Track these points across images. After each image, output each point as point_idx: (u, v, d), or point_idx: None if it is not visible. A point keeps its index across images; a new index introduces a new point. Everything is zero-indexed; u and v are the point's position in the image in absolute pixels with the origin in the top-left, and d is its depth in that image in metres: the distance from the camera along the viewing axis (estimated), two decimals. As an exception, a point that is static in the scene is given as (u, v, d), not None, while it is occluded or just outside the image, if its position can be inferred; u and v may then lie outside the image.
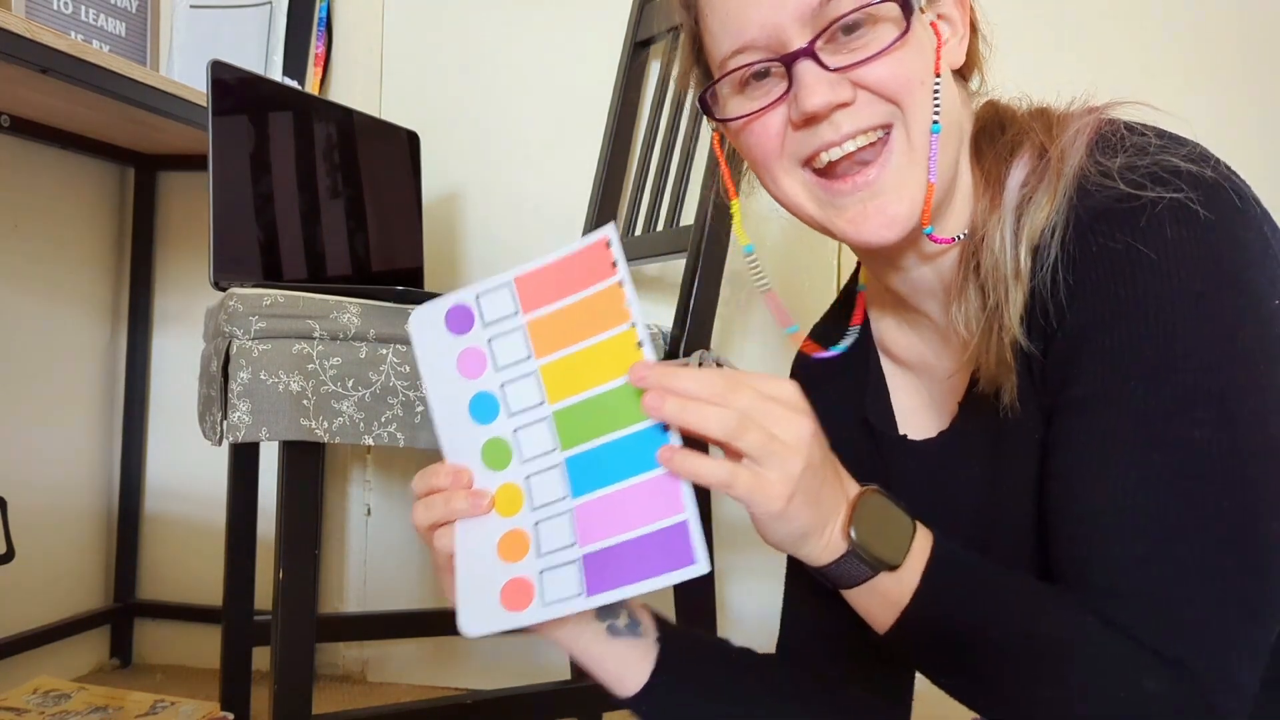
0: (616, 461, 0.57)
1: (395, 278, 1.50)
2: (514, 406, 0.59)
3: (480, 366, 0.59)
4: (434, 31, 1.76)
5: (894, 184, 0.63)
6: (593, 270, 0.58)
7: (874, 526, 0.59)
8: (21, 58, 1.18)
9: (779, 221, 1.74)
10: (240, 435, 0.98)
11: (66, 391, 1.74)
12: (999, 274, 0.62)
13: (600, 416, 0.58)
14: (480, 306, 0.60)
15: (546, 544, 0.57)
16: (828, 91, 0.61)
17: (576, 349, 0.58)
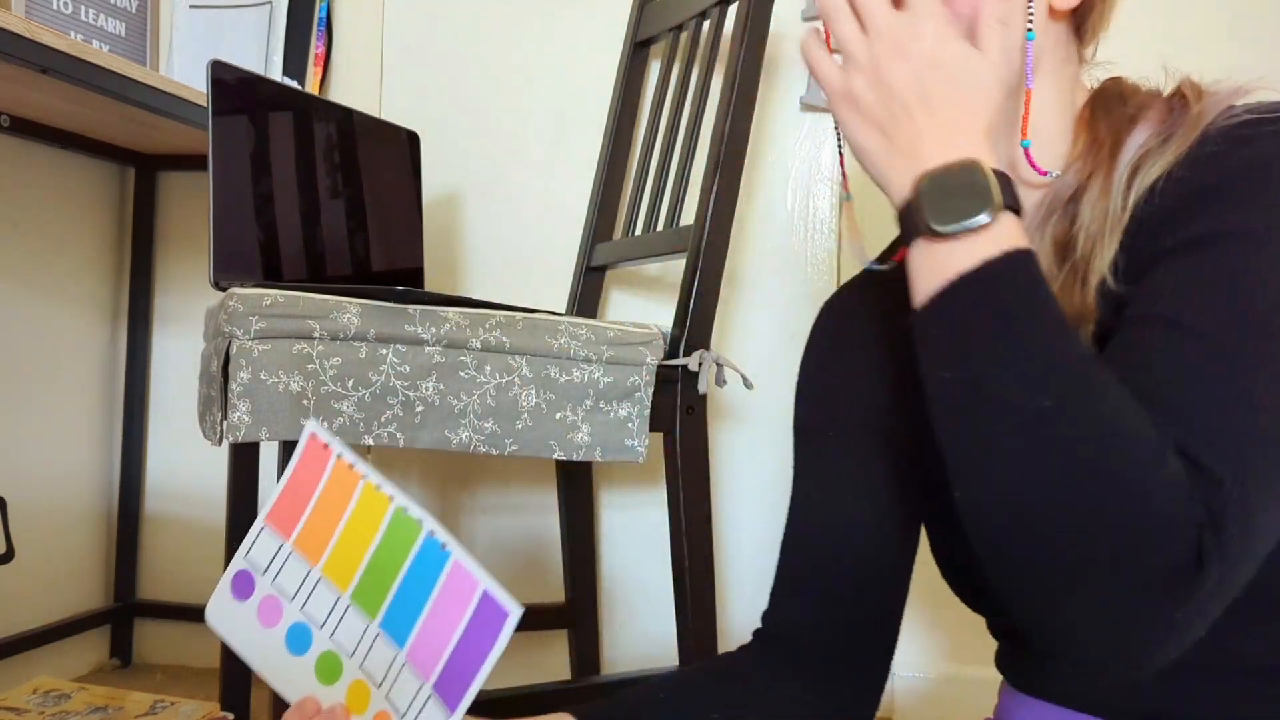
0: (415, 591, 0.60)
1: (395, 278, 1.50)
2: (319, 619, 0.62)
3: (277, 610, 0.63)
4: (434, 31, 1.76)
5: None
6: (317, 464, 0.63)
7: (943, 193, 0.56)
8: (21, 58, 1.18)
9: (780, 223, 1.75)
10: (240, 435, 0.98)
11: (66, 391, 1.74)
12: (1096, 229, 0.63)
13: (383, 569, 0.61)
14: (252, 562, 0.65)
15: (402, 703, 0.59)
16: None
17: (338, 533, 0.62)
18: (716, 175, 1.24)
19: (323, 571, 0.62)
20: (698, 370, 1.17)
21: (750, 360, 1.60)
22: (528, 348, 1.10)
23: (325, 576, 0.62)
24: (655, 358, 1.15)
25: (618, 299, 1.69)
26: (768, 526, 1.64)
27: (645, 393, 1.14)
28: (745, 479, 1.66)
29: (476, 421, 1.07)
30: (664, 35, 1.54)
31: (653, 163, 1.48)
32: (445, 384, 1.06)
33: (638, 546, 1.69)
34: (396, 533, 0.60)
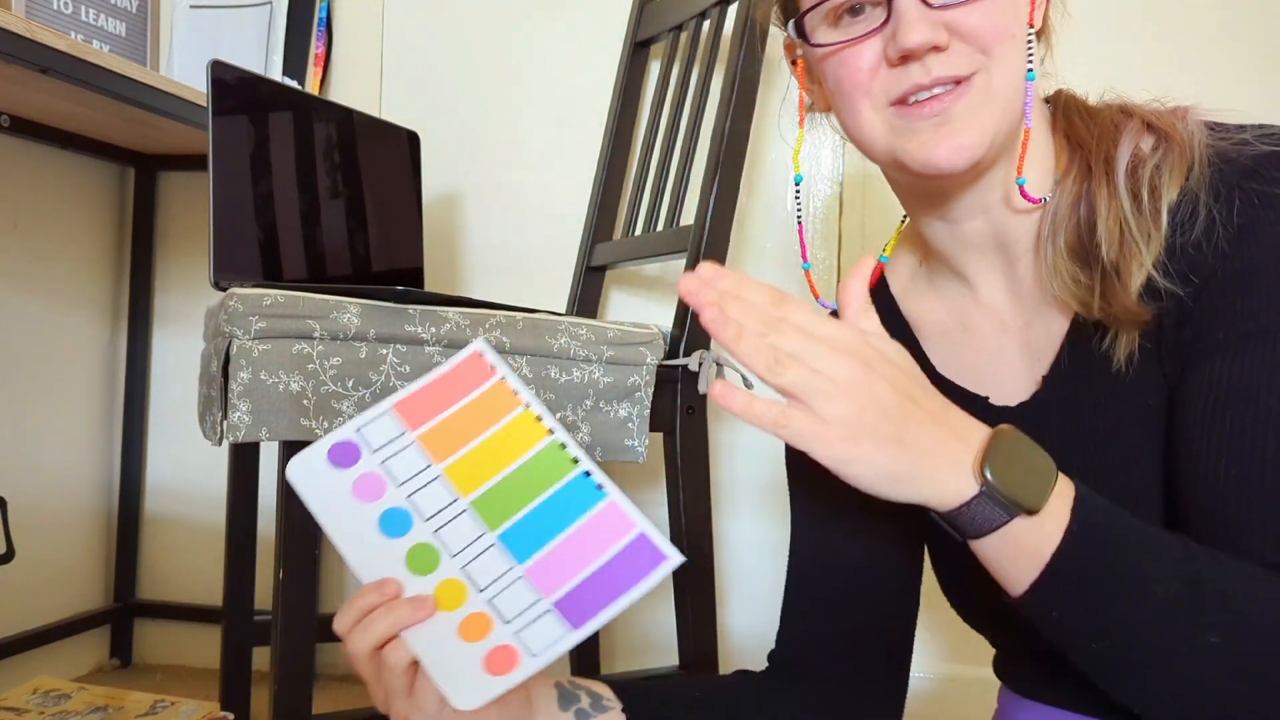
0: (552, 518, 0.61)
1: (395, 278, 1.50)
2: (427, 511, 0.62)
3: (379, 489, 0.63)
4: (434, 31, 1.76)
5: (967, 114, 0.63)
6: (473, 378, 0.65)
7: (1010, 465, 0.54)
8: (21, 58, 1.18)
9: (780, 223, 1.75)
10: (240, 435, 0.98)
11: (66, 391, 1.74)
12: (1124, 231, 0.62)
13: (521, 489, 0.62)
14: (364, 437, 0.64)
15: (509, 611, 0.59)
16: (927, 31, 0.61)
17: (476, 443, 0.64)
18: (716, 175, 1.24)
19: (444, 471, 0.63)
20: (698, 370, 1.17)
21: (750, 360, 1.60)
22: (528, 348, 1.10)
23: (446, 476, 0.63)
24: (655, 358, 1.15)
25: (618, 299, 1.69)
26: (767, 526, 1.64)
27: (645, 393, 1.14)
28: (745, 479, 1.66)
29: (476, 421, 1.07)
30: (664, 35, 1.54)
31: (653, 163, 1.48)
32: (445, 384, 1.06)
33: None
34: (546, 462, 0.62)
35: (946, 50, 0.62)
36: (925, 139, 0.63)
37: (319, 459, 0.63)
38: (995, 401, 0.72)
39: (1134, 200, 0.63)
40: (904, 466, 0.54)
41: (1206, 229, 0.60)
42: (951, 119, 0.63)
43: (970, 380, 0.74)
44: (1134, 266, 0.62)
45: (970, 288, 0.73)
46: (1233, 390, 0.58)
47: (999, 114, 0.64)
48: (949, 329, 0.75)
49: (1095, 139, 0.67)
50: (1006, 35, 0.63)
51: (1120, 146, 0.66)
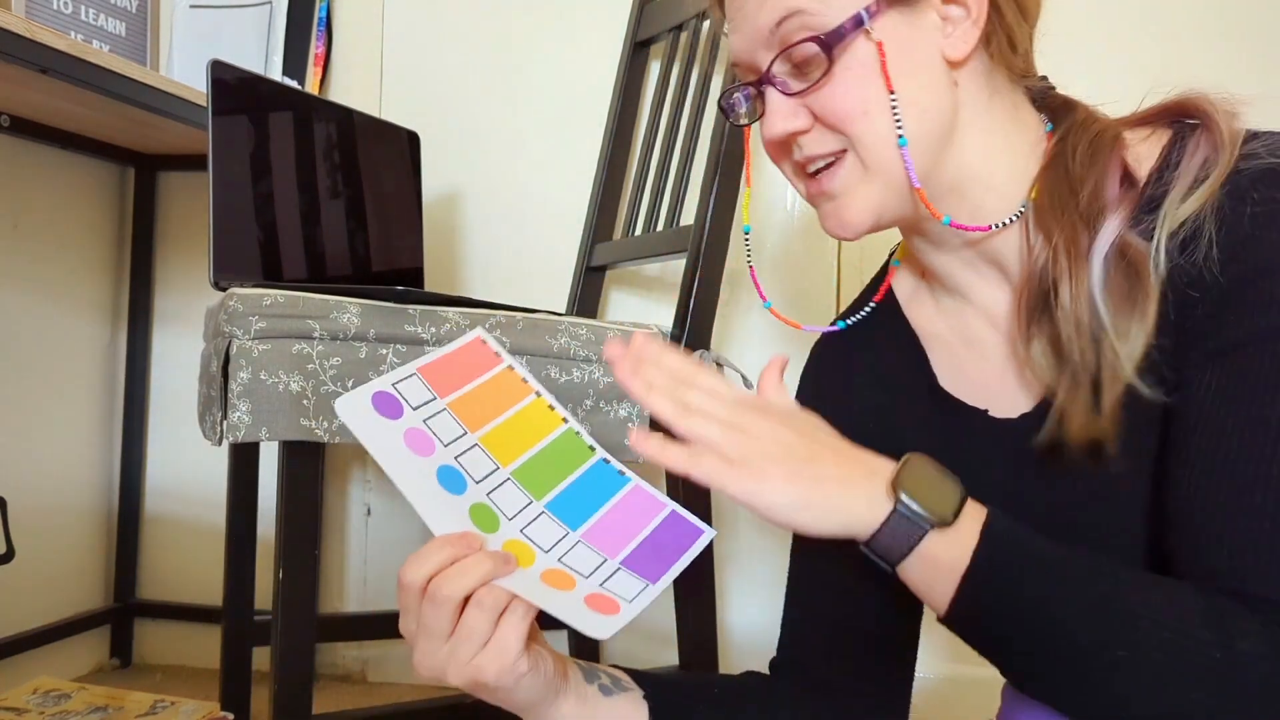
0: (586, 495, 0.62)
1: (395, 278, 1.50)
2: (476, 475, 0.61)
3: (429, 444, 0.61)
4: (434, 31, 1.76)
5: (845, 192, 0.67)
6: (480, 362, 0.65)
7: (921, 481, 0.57)
8: (21, 58, 1.18)
9: (780, 223, 1.75)
10: (240, 435, 0.98)
11: (66, 391, 1.74)
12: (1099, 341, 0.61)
13: (551, 467, 0.63)
14: (401, 393, 0.62)
15: (583, 568, 0.59)
16: (784, 121, 0.66)
17: (500, 420, 0.63)
18: (716, 175, 1.24)
19: (480, 441, 0.62)
20: (698, 370, 1.17)
21: (750, 360, 1.60)
22: (528, 348, 1.10)
23: (483, 445, 0.62)
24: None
25: (618, 299, 1.69)
26: (767, 527, 1.64)
27: (645, 392, 1.14)
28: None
29: (476, 421, 1.07)
30: (664, 35, 1.54)
31: (653, 163, 1.48)
32: (445, 384, 1.06)
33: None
34: (565, 448, 0.63)
35: (810, 133, 0.66)
36: (823, 212, 0.69)
37: (365, 403, 0.61)
38: (995, 414, 0.72)
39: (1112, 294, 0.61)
40: (815, 495, 0.56)
41: (1207, 249, 0.59)
42: (835, 196, 0.67)
43: (971, 393, 0.74)
44: (1110, 380, 0.61)
45: (968, 301, 0.73)
46: (1212, 402, 0.59)
47: (879, 186, 0.66)
48: (950, 342, 0.75)
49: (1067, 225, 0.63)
50: (858, 114, 0.64)
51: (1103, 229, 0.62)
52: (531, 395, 0.64)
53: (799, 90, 0.65)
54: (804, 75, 0.65)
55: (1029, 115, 0.71)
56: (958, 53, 0.66)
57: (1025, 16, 0.68)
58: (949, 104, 0.66)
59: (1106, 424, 0.61)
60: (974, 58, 0.67)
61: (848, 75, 0.64)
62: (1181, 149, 0.63)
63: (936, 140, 0.66)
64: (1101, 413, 0.61)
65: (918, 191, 0.66)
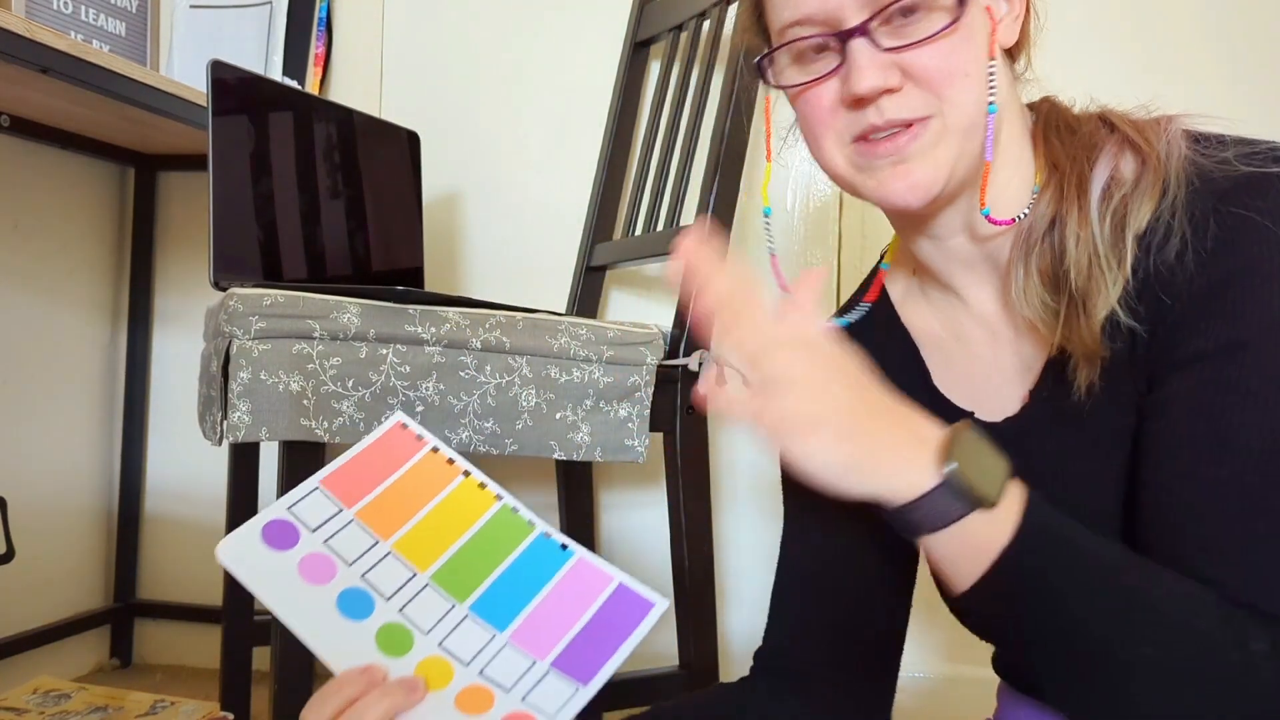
0: (521, 583, 0.58)
1: (395, 278, 1.50)
2: (386, 590, 0.57)
3: (329, 569, 0.57)
4: (434, 31, 1.76)
5: (921, 153, 0.64)
6: (401, 449, 0.61)
7: (970, 459, 0.54)
8: (21, 58, 1.18)
9: (780, 222, 1.75)
10: (240, 435, 0.98)
11: (66, 391, 1.74)
12: (1092, 262, 0.63)
13: (481, 558, 0.58)
14: (297, 516, 0.59)
15: (506, 680, 0.56)
16: (876, 75, 0.62)
17: (421, 516, 0.59)
18: (716, 175, 1.24)
19: (394, 547, 0.58)
20: (698, 370, 1.17)
21: (750, 360, 1.60)
22: (528, 348, 1.10)
23: (397, 552, 0.58)
24: (655, 358, 1.15)
25: (618, 299, 1.69)
26: (767, 527, 1.64)
27: (645, 393, 1.14)
28: (745, 479, 1.66)
29: (476, 421, 1.07)
30: (664, 35, 1.54)
31: (653, 163, 1.48)
32: (445, 384, 1.06)
33: (637, 546, 1.68)
34: (500, 528, 0.59)
35: (900, 92, 0.63)
36: (883, 176, 0.66)
37: (253, 540, 0.58)
38: (982, 417, 0.72)
39: (1105, 227, 0.63)
40: (864, 459, 0.54)
41: (1179, 251, 0.60)
42: (907, 158, 0.65)
43: (961, 394, 0.74)
44: (1099, 299, 0.62)
45: (961, 300, 0.74)
46: (1186, 406, 0.59)
47: (955, 151, 0.65)
48: (943, 341, 0.76)
49: (1070, 159, 0.67)
50: (960, 75, 0.63)
51: (1096, 168, 0.65)
52: (460, 476, 0.61)
53: (902, 45, 0.62)
54: (900, 32, 0.63)
55: (1025, 111, 0.72)
56: (1008, 41, 0.67)
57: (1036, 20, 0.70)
58: (1008, 89, 0.68)
59: (1095, 345, 0.62)
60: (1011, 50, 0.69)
61: (964, 34, 0.63)
62: None
63: (1008, 117, 0.67)
64: (1093, 332, 0.62)
65: (985, 165, 0.66)
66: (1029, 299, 0.66)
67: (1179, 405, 0.60)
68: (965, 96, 0.64)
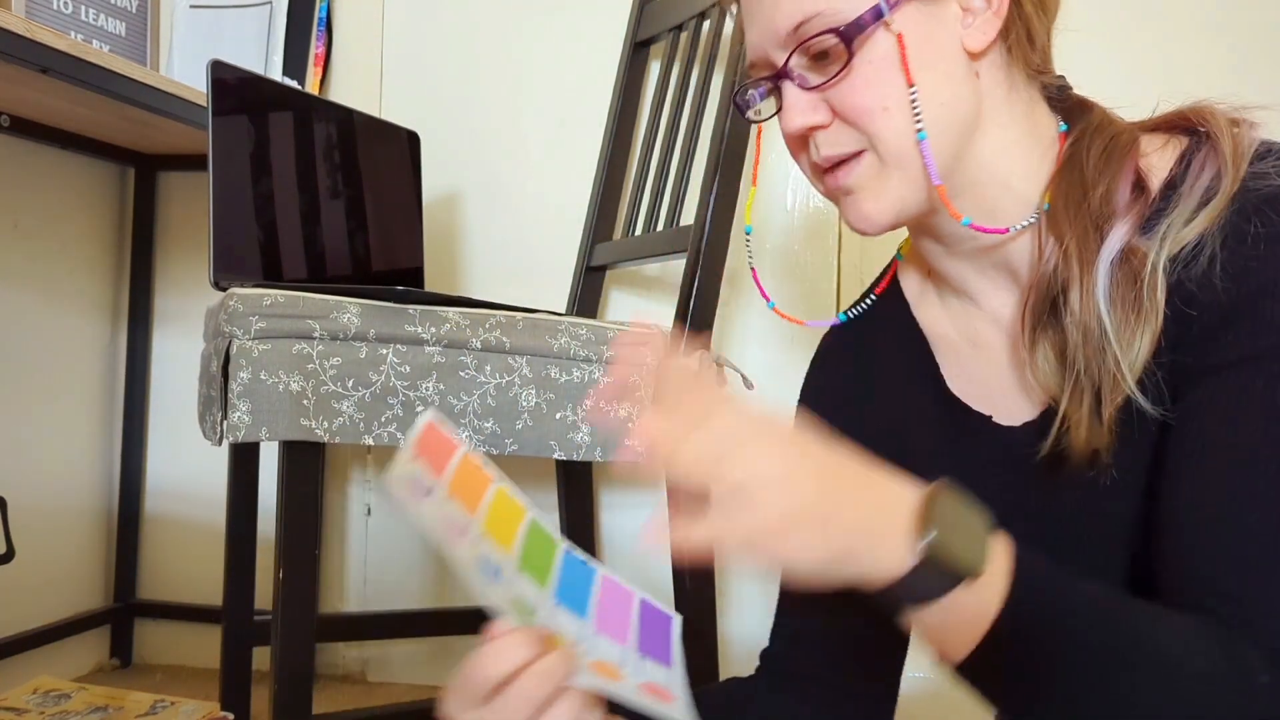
0: (574, 585, 0.59)
1: (395, 278, 1.50)
2: (495, 563, 0.56)
3: (461, 530, 0.56)
4: (434, 31, 1.76)
5: (861, 186, 0.66)
6: (444, 447, 0.60)
7: (951, 526, 0.50)
8: (21, 58, 1.18)
9: (780, 223, 1.75)
10: (240, 435, 0.98)
11: (66, 392, 1.74)
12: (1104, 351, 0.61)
13: (536, 557, 0.58)
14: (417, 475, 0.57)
15: (612, 658, 0.55)
16: (799, 116, 0.65)
17: (485, 509, 0.58)
18: (716, 175, 1.24)
19: (483, 527, 0.56)
20: (698, 370, 1.17)
21: (750, 360, 1.60)
22: (528, 348, 1.10)
23: (487, 534, 0.56)
24: (655, 358, 1.15)
25: (618, 299, 1.69)
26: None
27: (645, 393, 1.14)
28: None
29: (477, 421, 1.07)
30: (664, 35, 1.54)
31: (653, 163, 1.48)
32: (445, 384, 1.06)
33: (638, 546, 1.68)
34: (536, 539, 0.59)
35: (829, 128, 0.65)
36: (842, 207, 0.68)
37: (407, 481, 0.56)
38: (999, 420, 0.71)
39: (1116, 309, 0.60)
40: (839, 548, 0.50)
41: (1207, 268, 0.59)
42: (851, 190, 0.66)
43: (976, 397, 0.73)
44: (1114, 392, 0.60)
45: (974, 304, 0.73)
46: (1212, 415, 0.58)
47: (898, 181, 0.65)
48: (956, 343, 0.75)
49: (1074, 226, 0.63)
50: (877, 110, 0.63)
51: (1110, 235, 0.62)
52: (494, 484, 0.59)
53: (817, 84, 0.64)
54: (822, 70, 0.64)
55: (1044, 115, 0.70)
56: (977, 44, 0.65)
57: (1044, 10, 0.67)
58: (971, 96, 0.65)
59: (1107, 434, 0.61)
60: (993, 50, 0.66)
61: (867, 69, 0.62)
62: (1189, 166, 0.63)
63: (958, 134, 0.65)
64: (1102, 423, 0.61)
65: (938, 189, 0.64)
66: (1037, 374, 0.65)
67: (1200, 414, 0.59)
68: (888, 130, 0.63)
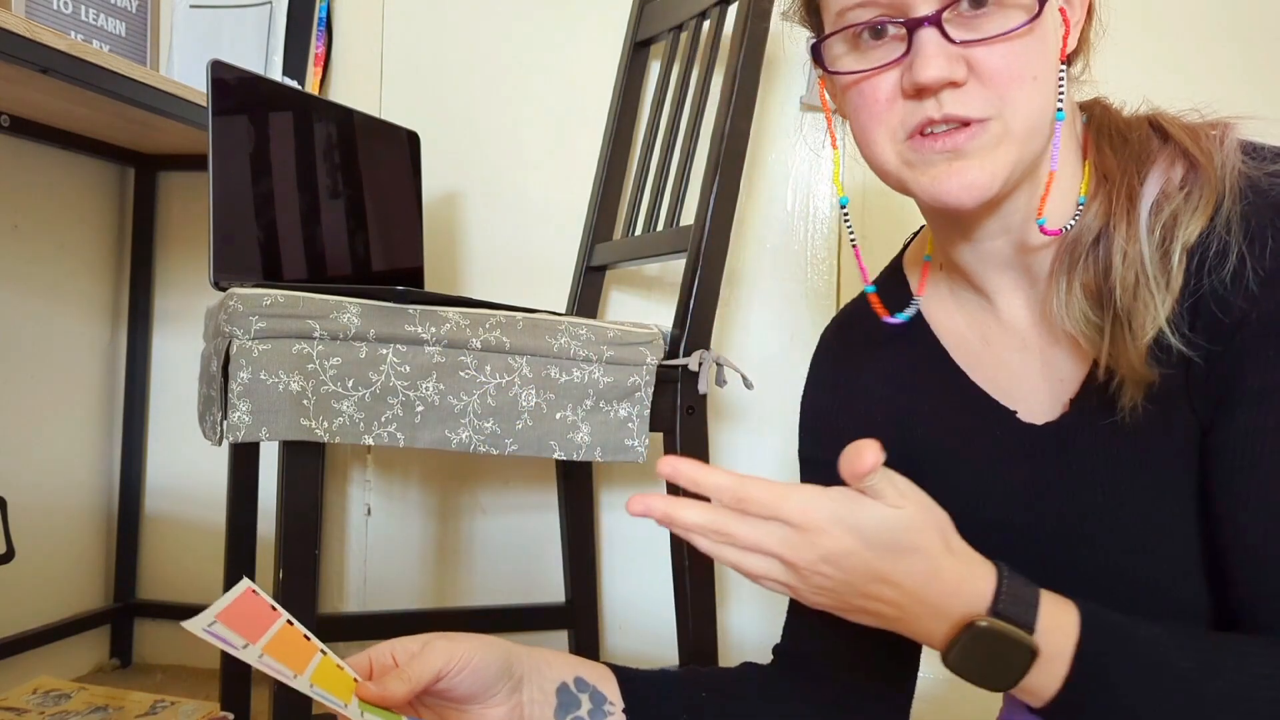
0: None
1: (395, 278, 1.50)
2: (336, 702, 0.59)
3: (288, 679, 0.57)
4: (434, 31, 1.76)
5: (978, 152, 0.62)
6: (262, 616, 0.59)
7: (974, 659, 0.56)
8: (21, 58, 1.17)
9: (780, 223, 1.75)
10: (240, 435, 0.98)
11: (66, 391, 1.74)
12: (1139, 281, 0.61)
13: None
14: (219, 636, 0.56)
15: None
16: (944, 66, 0.60)
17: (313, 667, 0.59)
18: (716, 175, 1.24)
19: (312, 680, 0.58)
20: (698, 370, 1.17)
21: (750, 360, 1.60)
22: (528, 348, 1.10)
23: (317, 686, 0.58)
24: (655, 358, 1.15)
25: (618, 299, 1.69)
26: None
27: (645, 393, 1.14)
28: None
29: (476, 421, 1.07)
30: (664, 35, 1.54)
31: (653, 163, 1.48)
32: (445, 384, 1.06)
33: (638, 546, 1.69)
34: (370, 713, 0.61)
35: (963, 87, 0.61)
36: (937, 173, 0.63)
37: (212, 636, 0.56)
38: (1024, 418, 0.71)
39: (1154, 244, 0.61)
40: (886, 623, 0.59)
41: (1236, 269, 0.58)
42: (964, 154, 0.62)
43: (998, 393, 0.73)
44: (1146, 320, 0.60)
45: (990, 303, 0.72)
46: (1266, 441, 0.58)
47: (1014, 155, 0.63)
48: (968, 340, 0.75)
49: (1121, 171, 0.64)
50: (1028, 78, 0.61)
51: (1147, 181, 0.63)
52: (318, 655, 0.60)
53: (973, 39, 0.60)
54: (976, 25, 0.60)
55: (1075, 116, 0.70)
56: (1070, 47, 0.65)
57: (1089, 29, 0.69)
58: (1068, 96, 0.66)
59: (1146, 369, 0.61)
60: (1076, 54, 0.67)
61: (1037, 35, 0.61)
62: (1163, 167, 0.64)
63: (1067, 125, 0.66)
64: (1139, 349, 0.61)
65: (1050, 174, 0.64)
66: (1071, 313, 0.64)
67: (1253, 439, 0.58)
68: (1030, 101, 0.62)
